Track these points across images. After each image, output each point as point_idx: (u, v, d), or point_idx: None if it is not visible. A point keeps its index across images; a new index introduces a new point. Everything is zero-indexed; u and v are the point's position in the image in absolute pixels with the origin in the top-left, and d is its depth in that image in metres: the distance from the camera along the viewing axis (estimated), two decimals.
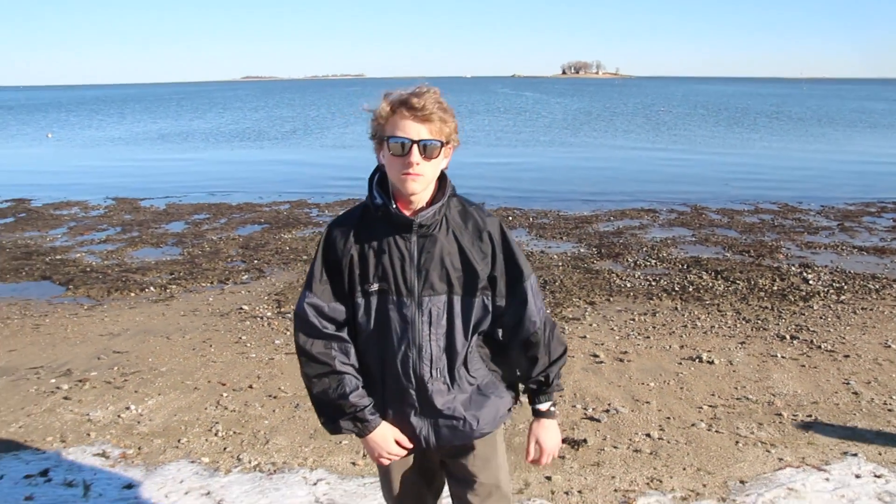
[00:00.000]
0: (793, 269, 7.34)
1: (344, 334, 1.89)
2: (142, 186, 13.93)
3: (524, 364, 1.97)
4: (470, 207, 1.92)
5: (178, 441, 3.68)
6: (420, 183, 1.79)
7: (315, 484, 3.22)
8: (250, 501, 3.08)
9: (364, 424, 1.89)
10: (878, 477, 3.26)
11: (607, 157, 19.51)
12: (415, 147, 1.76)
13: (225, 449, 3.59)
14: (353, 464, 3.42)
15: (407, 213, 1.84)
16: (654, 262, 7.66)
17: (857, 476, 3.27)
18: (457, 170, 1.91)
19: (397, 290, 1.84)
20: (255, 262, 7.85)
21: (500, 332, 1.96)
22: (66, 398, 4.26)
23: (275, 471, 3.36)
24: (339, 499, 3.09)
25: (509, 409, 2.01)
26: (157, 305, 6.32)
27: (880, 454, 3.49)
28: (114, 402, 4.19)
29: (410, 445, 1.94)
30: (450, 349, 1.89)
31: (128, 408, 4.09)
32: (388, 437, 1.92)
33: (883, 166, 17.00)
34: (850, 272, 7.24)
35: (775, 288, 6.64)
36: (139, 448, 3.61)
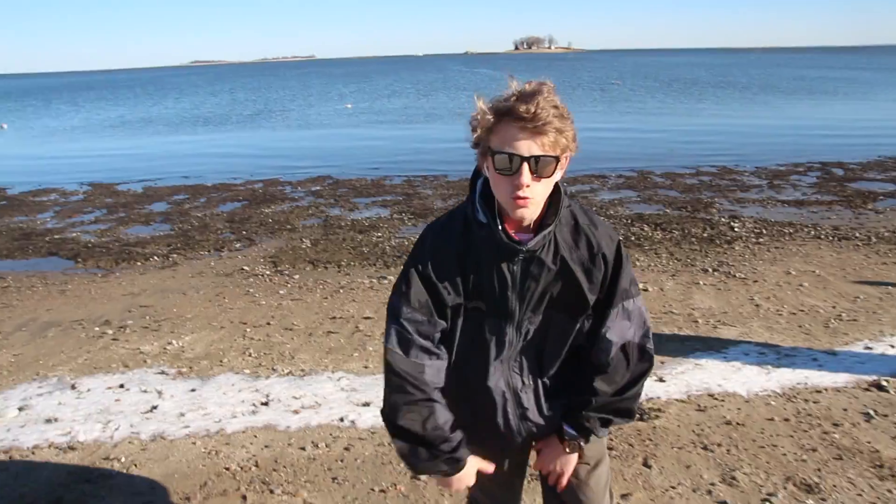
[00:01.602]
0: (722, 220, 8.58)
1: (442, 351, 1.77)
2: (115, 172, 14.57)
3: (582, 383, 1.81)
4: (583, 223, 1.75)
5: (221, 361, 4.68)
6: (531, 209, 1.63)
7: (338, 380, 4.26)
8: (290, 392, 4.11)
9: (458, 464, 1.78)
10: (761, 354, 4.45)
11: None
12: (525, 165, 1.55)
13: (260, 364, 4.60)
14: (365, 367, 4.47)
15: (513, 231, 1.69)
16: (603, 218, 8.81)
17: (746, 354, 4.46)
18: (422, 144, 2.02)
19: (496, 312, 1.74)
20: (244, 232, 8.77)
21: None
22: (114, 339, 5.20)
23: (304, 374, 4.39)
24: (358, 387, 4.14)
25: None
26: (165, 271, 7.23)
27: (767, 342, 4.68)
28: (156, 339, 5.15)
29: (492, 469, 1.88)
30: (544, 363, 1.83)
31: (170, 343, 5.06)
32: (471, 472, 1.83)
33: (814, 130, 18.52)
34: (770, 221, 8.51)
35: (705, 235, 7.85)
36: (190, 367, 4.60)
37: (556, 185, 1.69)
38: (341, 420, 3.75)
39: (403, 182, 11.99)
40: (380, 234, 8.34)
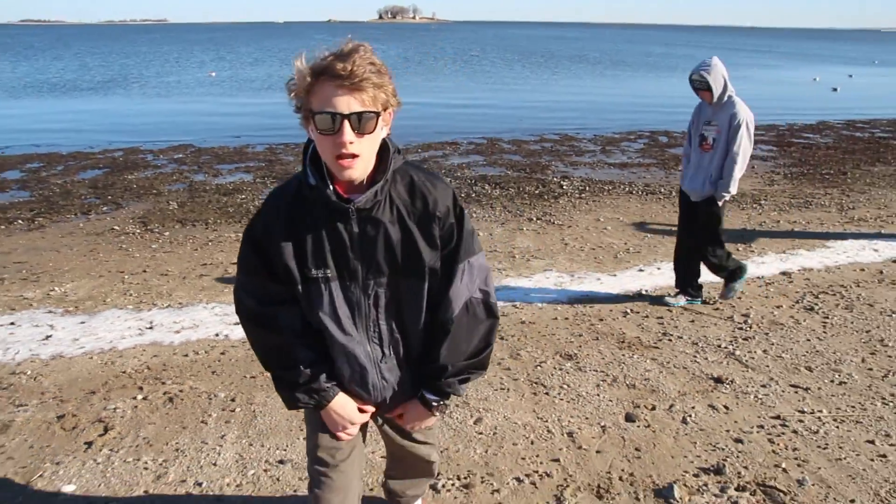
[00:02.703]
0: (554, 179, 9.99)
1: (286, 309, 1.84)
2: None
3: (433, 348, 1.89)
4: (419, 180, 1.80)
5: (104, 301, 5.40)
6: (358, 167, 1.67)
7: (212, 308, 5.14)
8: (171, 319, 4.95)
9: (321, 395, 1.87)
10: (559, 277, 5.75)
11: (422, 100, 21.83)
12: (346, 122, 1.59)
13: (141, 301, 5.37)
14: None
15: (345, 192, 1.74)
16: (449, 180, 9.99)
17: (547, 278, 5.74)
18: (284, 112, 1.89)
19: (340, 275, 1.79)
20: (110, 197, 9.22)
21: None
22: None
23: (182, 307, 5.22)
24: (230, 313, 5.03)
25: None
26: (33, 233, 7.66)
27: (566, 270, 5.99)
28: (38, 287, 5.76)
29: (373, 409, 1.98)
30: (402, 329, 1.88)
31: (52, 290, 5.69)
32: (348, 406, 1.91)
33: (651, 102, 20.73)
34: (595, 180, 10.02)
35: (536, 192, 9.20)
36: (76, 307, 5.29)
37: (385, 143, 1.75)
38: (216, 335, 4.66)
39: (265, 149, 12.64)
40: (244, 195, 9.08)
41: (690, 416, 3.56)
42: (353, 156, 1.63)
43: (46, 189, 9.80)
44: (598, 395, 3.81)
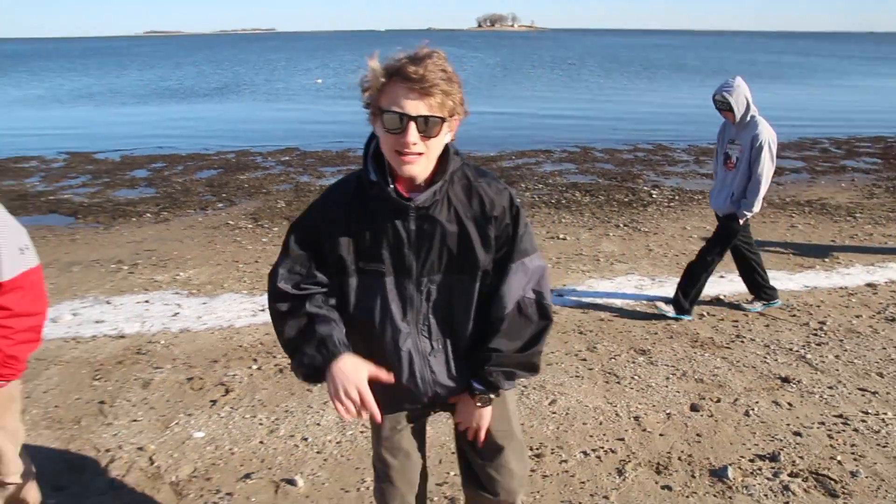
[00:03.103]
0: (645, 188, 10.16)
1: (318, 297, 1.88)
2: (90, 141, 15.61)
3: (483, 343, 1.93)
4: (477, 182, 1.86)
5: (222, 286, 6.07)
6: (419, 165, 1.73)
7: None
8: None
9: (328, 352, 1.80)
10: (640, 280, 6.02)
11: (518, 109, 22.20)
12: (412, 124, 1.66)
13: (254, 287, 6.01)
14: None
15: (405, 190, 1.79)
16: (541, 186, 10.35)
17: (629, 281, 6.02)
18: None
19: (395, 271, 1.84)
20: (224, 195, 10.08)
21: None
22: (130, 273, 6.55)
23: None
24: None
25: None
26: (159, 225, 8.54)
27: (648, 274, 6.24)
28: (166, 272, 6.51)
29: (389, 378, 1.87)
30: (452, 326, 1.92)
31: (178, 274, 6.43)
32: (358, 367, 1.80)
33: None
34: (685, 189, 10.13)
35: (626, 200, 9.42)
36: (199, 290, 5.99)
37: (447, 147, 1.80)
38: None
39: None
40: None
41: (753, 409, 3.80)
42: (417, 154, 1.70)
43: (169, 186, 10.79)
44: (667, 386, 4.10)
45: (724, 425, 3.65)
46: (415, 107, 1.65)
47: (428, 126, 1.67)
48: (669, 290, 5.82)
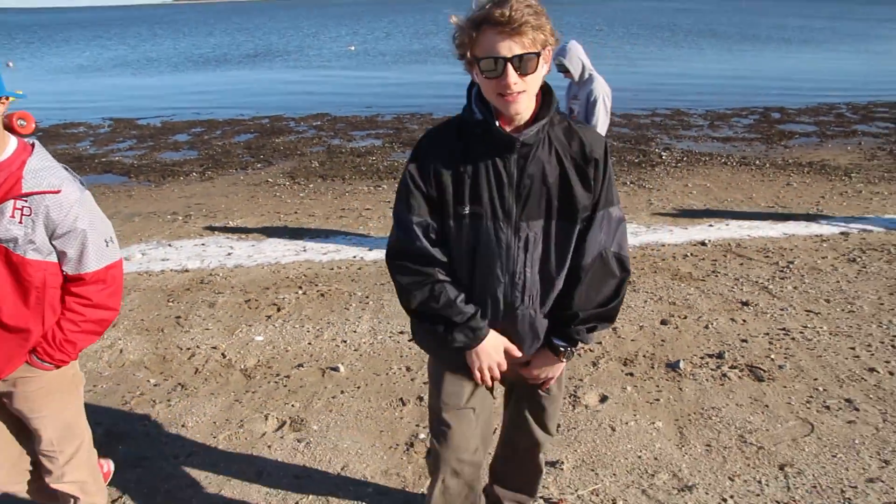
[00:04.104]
0: (656, 150, 10.89)
1: (441, 248, 1.93)
2: (132, 108, 16.69)
3: (566, 295, 1.98)
4: (576, 126, 1.91)
5: (268, 232, 7.02)
6: (522, 102, 1.78)
7: (350, 239, 6.63)
8: (319, 246, 6.46)
9: (476, 333, 1.93)
10: (637, 227, 6.83)
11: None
12: (509, 66, 1.71)
13: (295, 233, 6.94)
14: (367, 235, 6.81)
15: (508, 129, 1.83)
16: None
17: (627, 228, 6.83)
18: (411, 85, 2.54)
19: (493, 214, 1.87)
20: (262, 156, 11.03)
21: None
22: (185, 222, 7.53)
23: (326, 238, 6.74)
24: (364, 242, 6.48)
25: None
26: (205, 183, 9.52)
27: (644, 222, 7.06)
28: (217, 221, 7.48)
29: (520, 354, 2.03)
30: (545, 276, 1.95)
31: (228, 223, 7.39)
32: (499, 346, 1.99)
33: (773, 78, 20.72)
34: (694, 152, 10.84)
35: (636, 161, 10.18)
36: (247, 235, 6.94)
37: (547, 86, 1.86)
38: (353, 257, 6.14)
39: (393, 119, 14.22)
40: (374, 157, 10.63)
41: (712, 324, 4.66)
42: (519, 92, 1.76)
43: (210, 149, 11.77)
44: (644, 307, 4.96)
45: (686, 334, 4.51)
46: (508, 48, 1.71)
47: (524, 64, 1.73)
48: (662, 236, 6.65)
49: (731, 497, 2.95)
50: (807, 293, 5.19)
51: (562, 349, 2.03)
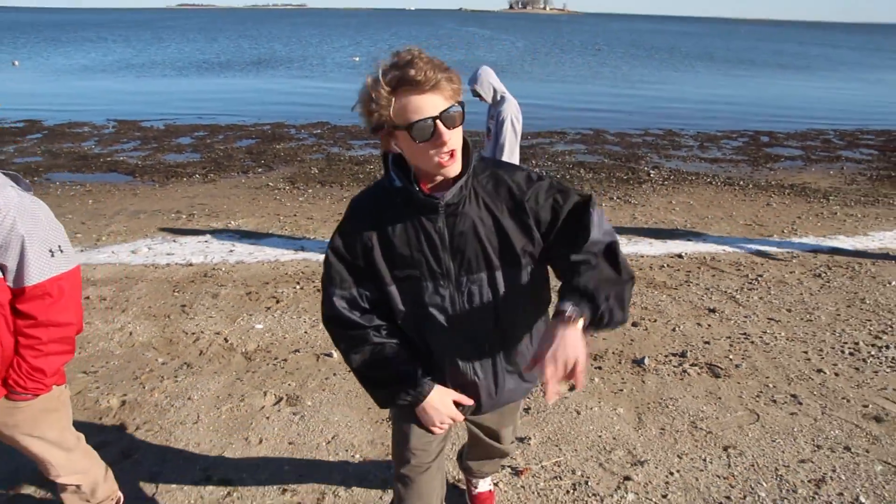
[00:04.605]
0: (645, 168, 11.34)
1: (375, 316, 1.92)
2: (135, 110, 17.11)
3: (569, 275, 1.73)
4: (500, 171, 1.86)
5: (268, 232, 7.43)
6: (457, 161, 1.75)
7: None
8: (317, 246, 6.86)
9: (418, 390, 1.91)
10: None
11: (539, 92, 23.34)
12: (439, 123, 1.66)
13: (294, 234, 7.35)
14: None
15: (430, 186, 1.81)
16: (550, 163, 11.58)
17: None
18: None
19: (431, 275, 1.84)
20: (263, 161, 11.45)
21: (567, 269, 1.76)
22: (188, 220, 7.93)
23: (325, 239, 7.13)
24: None
25: None
26: (207, 185, 9.92)
27: (625, 235, 7.47)
28: (219, 221, 7.87)
29: (471, 401, 2.02)
30: (502, 323, 1.92)
31: (230, 223, 7.79)
32: (446, 400, 1.96)
33: (766, 102, 21.27)
34: (682, 171, 11.29)
35: (625, 178, 10.62)
36: (248, 234, 7.33)
37: (465, 139, 1.78)
38: None
39: None
40: (371, 166, 11.05)
41: (679, 327, 5.06)
42: (453, 151, 1.72)
43: (212, 153, 12.18)
44: None
45: (653, 336, 4.91)
46: (433, 105, 1.67)
47: (451, 118, 1.69)
48: (641, 248, 7.06)
49: (678, 471, 3.35)
50: (771, 303, 5.60)
51: (568, 312, 1.64)
